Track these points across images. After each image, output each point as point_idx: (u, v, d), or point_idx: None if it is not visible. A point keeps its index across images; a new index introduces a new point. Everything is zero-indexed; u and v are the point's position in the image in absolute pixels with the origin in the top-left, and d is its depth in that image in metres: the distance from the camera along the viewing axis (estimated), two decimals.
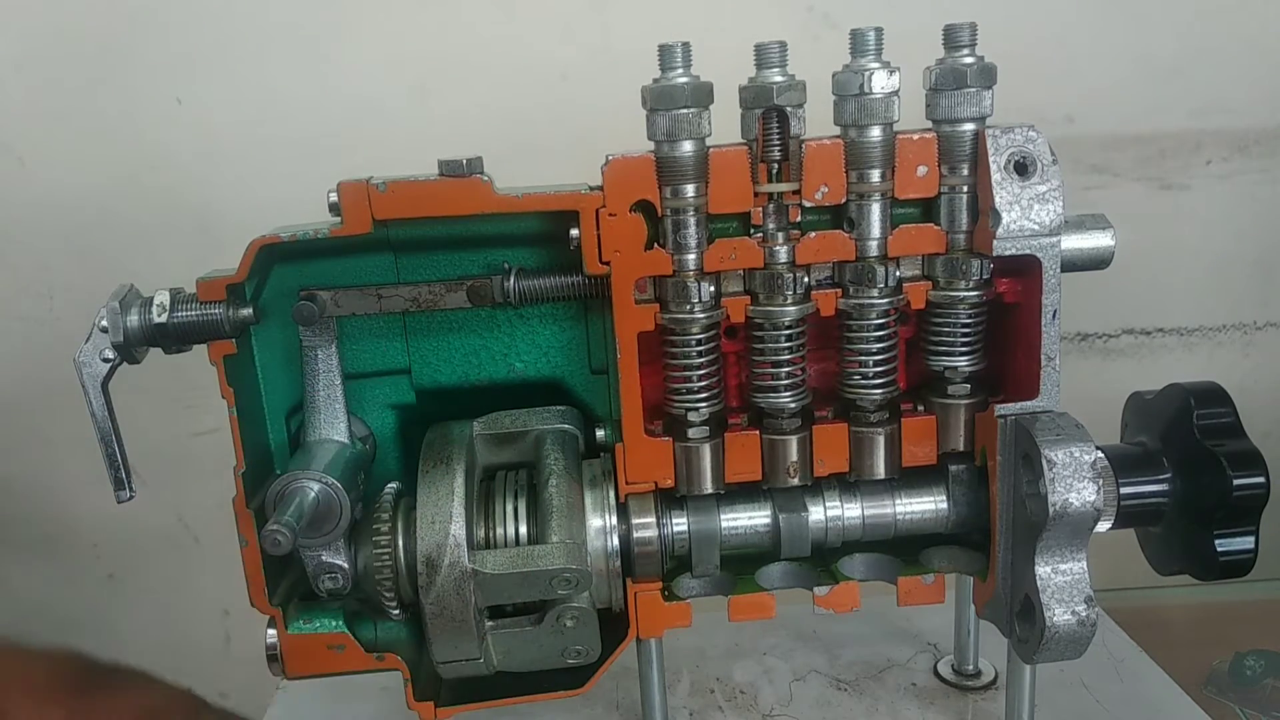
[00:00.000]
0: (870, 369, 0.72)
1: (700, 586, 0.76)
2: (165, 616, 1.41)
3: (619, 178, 0.67)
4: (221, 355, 0.68)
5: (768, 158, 0.69)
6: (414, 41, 1.18)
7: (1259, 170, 1.29)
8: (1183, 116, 1.27)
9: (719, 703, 0.92)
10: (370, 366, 0.77)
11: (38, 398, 1.28)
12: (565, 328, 0.77)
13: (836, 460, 0.74)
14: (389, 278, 0.74)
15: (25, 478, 1.35)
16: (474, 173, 0.67)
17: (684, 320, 0.70)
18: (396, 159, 0.72)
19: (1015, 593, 0.70)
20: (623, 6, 1.19)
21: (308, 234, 0.67)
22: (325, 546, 0.69)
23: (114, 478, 0.67)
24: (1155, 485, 0.71)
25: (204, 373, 0.68)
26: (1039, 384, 0.69)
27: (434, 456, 0.72)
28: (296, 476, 0.67)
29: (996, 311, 0.73)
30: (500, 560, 0.68)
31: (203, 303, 0.67)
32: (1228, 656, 1.09)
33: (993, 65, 0.67)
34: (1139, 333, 1.35)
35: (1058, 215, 0.67)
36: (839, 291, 0.71)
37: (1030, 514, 0.66)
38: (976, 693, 0.90)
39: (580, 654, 0.72)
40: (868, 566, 0.77)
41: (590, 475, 0.74)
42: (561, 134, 1.17)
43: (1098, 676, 0.91)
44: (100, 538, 1.38)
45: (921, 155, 0.69)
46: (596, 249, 0.68)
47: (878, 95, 0.67)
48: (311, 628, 0.72)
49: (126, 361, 0.67)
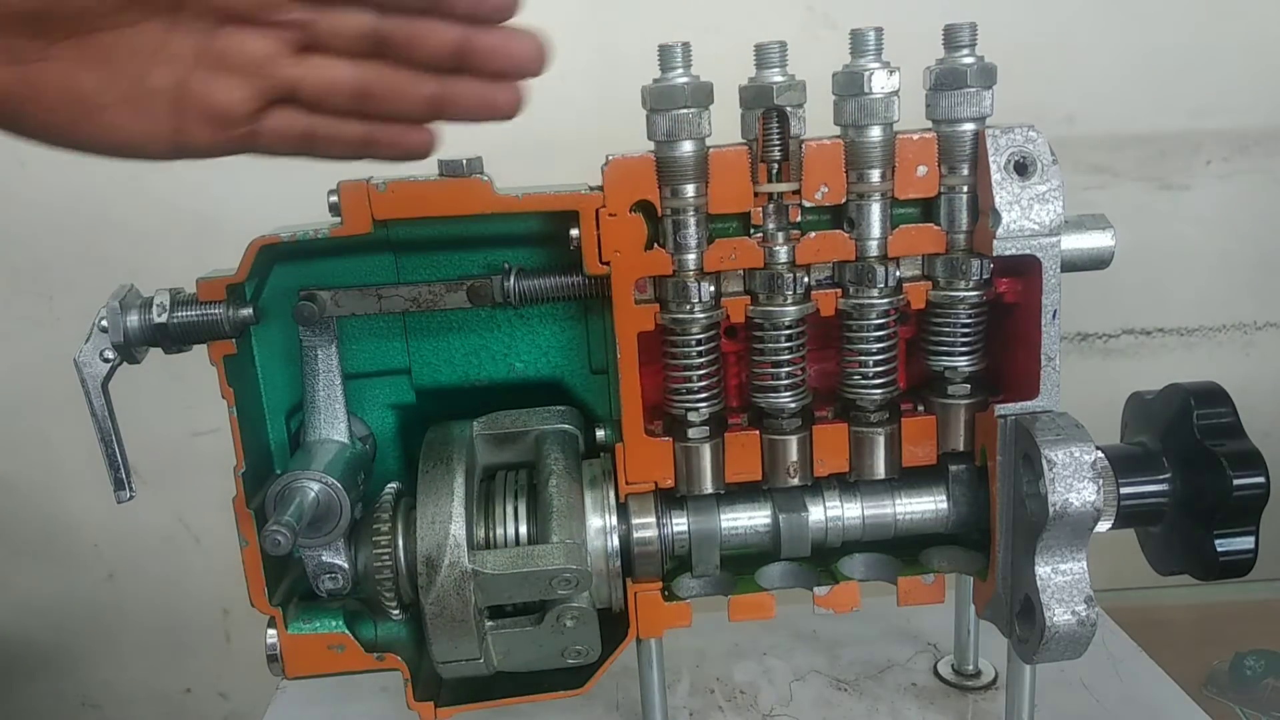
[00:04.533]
0: (870, 369, 0.72)
1: (700, 586, 0.76)
2: (165, 616, 1.41)
3: (619, 178, 0.67)
4: (221, 355, 0.68)
5: (768, 158, 0.69)
6: None
7: (1259, 170, 1.29)
8: (1183, 116, 1.27)
9: (719, 703, 0.92)
10: (370, 366, 0.77)
11: (38, 398, 1.28)
12: (565, 328, 0.77)
13: (836, 460, 0.74)
14: (389, 278, 0.74)
15: (25, 478, 1.35)
16: (474, 173, 0.67)
17: (684, 320, 0.70)
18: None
19: (1015, 593, 0.70)
20: (623, 6, 1.19)
21: (308, 234, 0.67)
22: (325, 546, 0.70)
23: (114, 478, 0.67)
24: (1155, 485, 0.71)
25: (204, 373, 0.68)
26: (1039, 384, 0.69)
27: (434, 456, 0.72)
28: (296, 476, 0.67)
29: (996, 311, 0.73)
30: (500, 560, 0.68)
31: (203, 303, 0.67)
32: (1228, 656, 1.09)
33: (993, 65, 0.67)
34: (1139, 333, 1.35)
35: (1058, 215, 0.67)
36: (839, 291, 0.71)
37: (1030, 514, 0.66)
38: (976, 693, 0.90)
39: (580, 654, 0.72)
40: (868, 566, 0.77)
41: (590, 475, 0.74)
42: (561, 134, 1.17)
43: (1098, 676, 0.91)
44: (100, 538, 1.38)
45: (921, 155, 0.69)
46: (596, 249, 0.68)
47: (878, 95, 0.67)
48: (311, 628, 0.72)
49: (126, 361, 0.67)
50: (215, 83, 0.57)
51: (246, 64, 0.58)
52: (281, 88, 0.59)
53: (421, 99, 0.60)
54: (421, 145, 0.62)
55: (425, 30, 0.58)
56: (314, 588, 0.71)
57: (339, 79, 0.59)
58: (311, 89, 0.59)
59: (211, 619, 1.41)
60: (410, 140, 0.62)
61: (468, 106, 0.60)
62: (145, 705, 1.47)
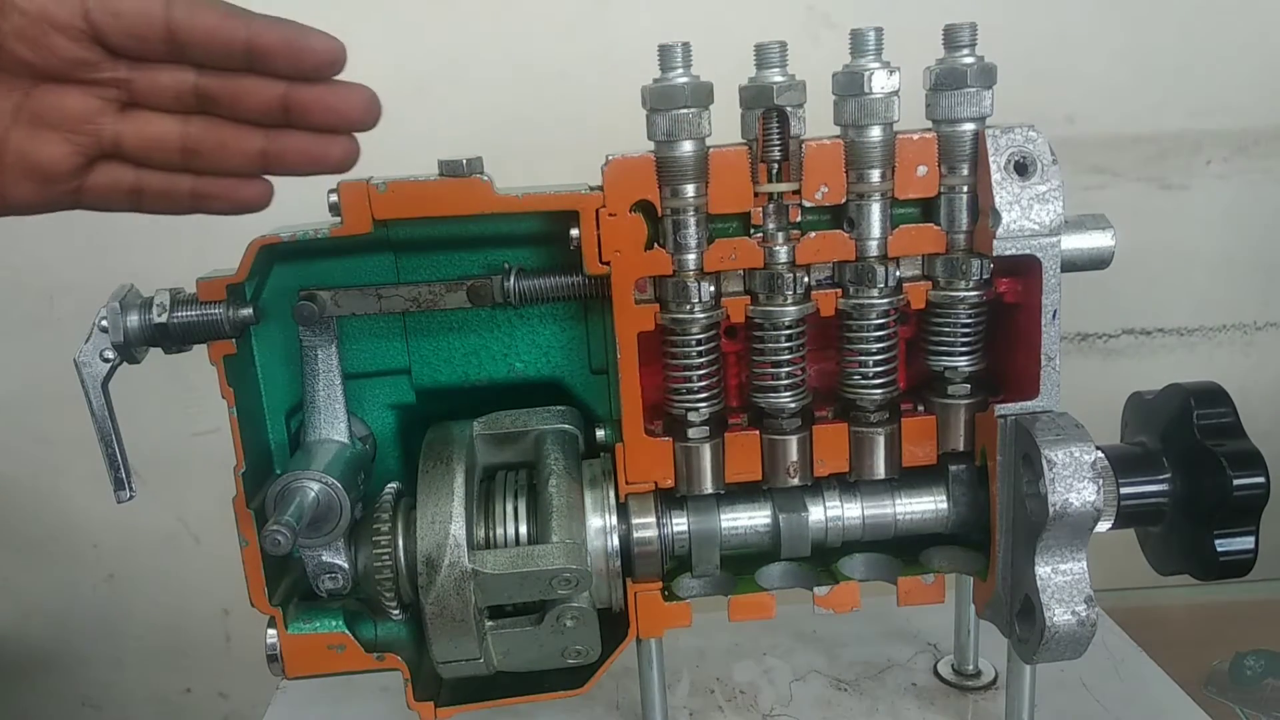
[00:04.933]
0: (870, 369, 0.72)
1: (700, 586, 0.76)
2: (165, 616, 1.41)
3: (619, 178, 0.67)
4: (221, 355, 0.68)
5: (768, 158, 0.69)
6: (414, 41, 1.18)
7: (1259, 170, 1.29)
8: (1183, 116, 1.27)
9: (719, 703, 0.92)
10: (370, 366, 0.77)
11: (38, 398, 1.28)
12: (565, 328, 0.77)
13: (836, 460, 0.74)
14: (389, 278, 0.74)
15: (25, 478, 1.35)
16: (474, 173, 0.67)
17: (684, 320, 0.70)
18: (396, 159, 0.72)
19: (1015, 593, 0.70)
20: (623, 6, 1.19)
21: (308, 234, 0.67)
22: (325, 546, 0.70)
23: (114, 478, 0.67)
24: (1155, 485, 0.71)
25: (204, 373, 0.68)
26: (1039, 384, 0.69)
27: (434, 456, 0.72)
28: (296, 476, 0.67)
29: (996, 311, 0.73)
30: (500, 560, 0.68)
31: (203, 303, 0.67)
32: (1228, 656, 1.09)
33: (993, 65, 0.67)
34: (1139, 333, 1.35)
35: (1058, 215, 0.67)
36: (839, 291, 0.71)
37: (1030, 514, 0.66)
38: (976, 693, 0.90)
39: (580, 654, 0.72)
40: (868, 566, 0.77)
41: (590, 475, 0.74)
42: (561, 134, 1.17)
43: (1098, 676, 0.91)
44: (100, 538, 1.38)
45: (921, 155, 0.69)
46: (596, 249, 0.68)
47: (878, 95, 0.67)
48: (311, 628, 0.72)
49: (126, 361, 0.67)
50: (35, 140, 0.58)
51: (66, 120, 0.58)
52: (105, 144, 0.59)
53: (250, 153, 0.61)
54: (256, 198, 0.63)
55: (248, 87, 0.59)
56: (314, 588, 0.71)
57: (163, 134, 0.60)
58: (136, 144, 0.60)
59: (211, 619, 1.41)
60: (244, 194, 0.63)
61: (298, 160, 0.61)
62: (145, 705, 1.47)
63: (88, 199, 0.61)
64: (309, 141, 0.61)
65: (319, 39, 0.59)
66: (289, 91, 0.59)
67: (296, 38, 0.58)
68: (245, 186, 0.63)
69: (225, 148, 0.60)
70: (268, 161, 0.61)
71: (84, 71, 0.58)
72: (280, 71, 0.59)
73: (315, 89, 0.59)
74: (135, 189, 0.62)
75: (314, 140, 0.61)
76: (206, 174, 0.62)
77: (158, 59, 0.58)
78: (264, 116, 0.60)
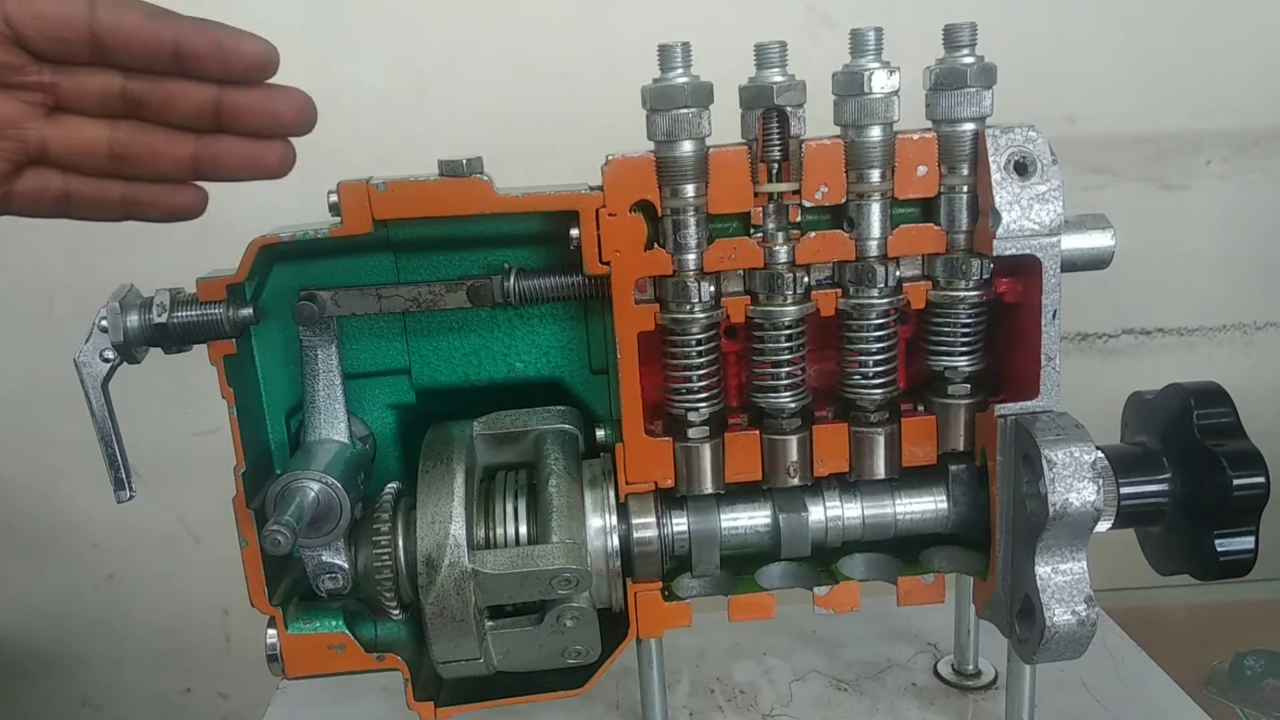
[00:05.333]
0: (870, 369, 0.72)
1: (700, 586, 0.76)
2: (165, 616, 1.41)
3: (619, 178, 0.67)
4: (221, 355, 0.68)
5: (768, 158, 0.69)
6: (414, 41, 1.18)
7: (1259, 170, 1.29)
8: (1183, 116, 1.27)
9: (719, 703, 0.92)
10: (370, 366, 0.77)
11: (37, 398, 1.28)
12: (565, 328, 0.77)
13: (836, 460, 0.74)
14: (389, 278, 0.74)
15: (25, 478, 1.35)
16: (474, 173, 0.67)
17: (684, 320, 0.70)
18: (396, 159, 0.72)
19: (1015, 593, 0.70)
20: (623, 6, 1.19)
21: (308, 234, 0.67)
22: (325, 546, 0.70)
23: (114, 478, 0.67)
24: (1155, 485, 0.71)
25: (204, 373, 0.68)
26: (1039, 384, 0.69)
27: (434, 456, 0.72)
28: (296, 476, 0.67)
29: (996, 311, 0.73)
30: (500, 560, 0.68)
31: (203, 303, 0.67)
32: (1228, 656, 1.09)
33: (993, 65, 0.67)
34: (1139, 333, 1.35)
35: (1058, 215, 0.67)
36: (839, 291, 0.71)
37: (1030, 514, 0.66)
38: (976, 693, 0.90)
39: (580, 654, 0.72)
40: (868, 566, 0.77)
41: (590, 475, 0.74)
42: (561, 134, 1.17)
43: (1098, 676, 0.91)
44: (100, 538, 1.38)
45: (921, 155, 0.69)
46: (596, 249, 0.68)
47: (878, 95, 0.67)
48: (311, 628, 0.72)
49: (126, 361, 0.67)
50: None
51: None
52: (32, 149, 0.58)
53: (181, 158, 0.60)
54: (189, 204, 0.62)
55: (178, 90, 0.58)
56: (314, 588, 0.71)
57: (91, 139, 0.59)
58: (63, 150, 0.59)
59: (211, 619, 1.41)
60: (176, 200, 0.62)
61: (231, 165, 0.60)
62: (145, 705, 1.47)
63: (15, 205, 0.60)
64: (243, 146, 0.60)
65: (250, 41, 0.58)
66: (221, 95, 0.58)
67: (225, 41, 0.57)
68: (177, 193, 0.62)
69: (155, 153, 0.60)
70: (200, 167, 0.60)
71: (7, 75, 0.57)
72: (210, 75, 0.58)
73: (248, 93, 0.59)
74: (63, 195, 0.61)
75: (249, 145, 0.60)
76: (137, 180, 0.61)
77: (83, 62, 0.57)
78: (196, 121, 0.59)
